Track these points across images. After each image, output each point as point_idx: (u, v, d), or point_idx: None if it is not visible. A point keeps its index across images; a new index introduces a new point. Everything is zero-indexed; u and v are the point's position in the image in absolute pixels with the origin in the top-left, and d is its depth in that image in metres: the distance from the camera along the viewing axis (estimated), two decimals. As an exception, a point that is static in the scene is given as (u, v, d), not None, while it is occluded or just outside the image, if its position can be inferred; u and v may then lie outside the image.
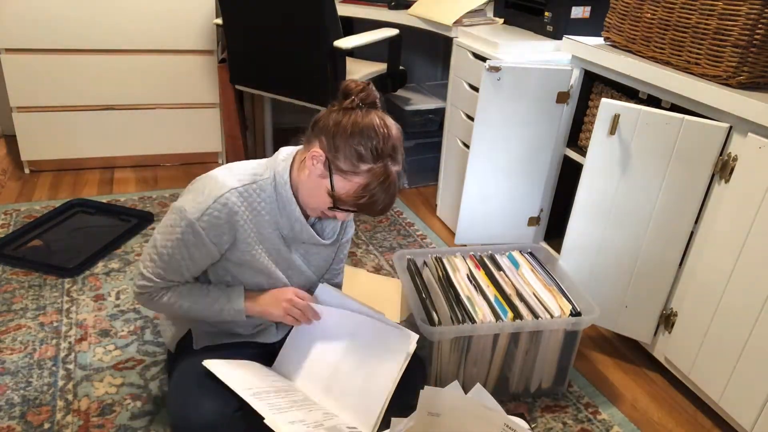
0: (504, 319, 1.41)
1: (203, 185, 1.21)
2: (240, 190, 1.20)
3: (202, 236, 1.19)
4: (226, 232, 1.20)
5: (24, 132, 2.52)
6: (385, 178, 1.16)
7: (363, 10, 2.50)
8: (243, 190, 1.20)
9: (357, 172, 1.15)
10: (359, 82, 1.19)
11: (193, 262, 1.23)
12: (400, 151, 1.19)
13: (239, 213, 1.20)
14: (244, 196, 1.21)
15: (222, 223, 1.19)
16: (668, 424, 1.50)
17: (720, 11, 1.36)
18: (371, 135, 1.15)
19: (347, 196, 1.17)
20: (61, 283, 1.88)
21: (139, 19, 2.47)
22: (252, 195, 1.22)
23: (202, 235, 1.19)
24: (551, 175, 2.03)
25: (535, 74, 1.84)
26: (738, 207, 1.34)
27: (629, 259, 1.60)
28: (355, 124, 1.15)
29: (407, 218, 2.44)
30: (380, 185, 1.16)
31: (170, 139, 2.73)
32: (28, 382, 1.49)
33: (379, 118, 1.17)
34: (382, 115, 1.19)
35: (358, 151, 1.14)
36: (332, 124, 1.17)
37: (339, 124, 1.16)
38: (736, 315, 1.36)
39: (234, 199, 1.19)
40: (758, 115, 1.27)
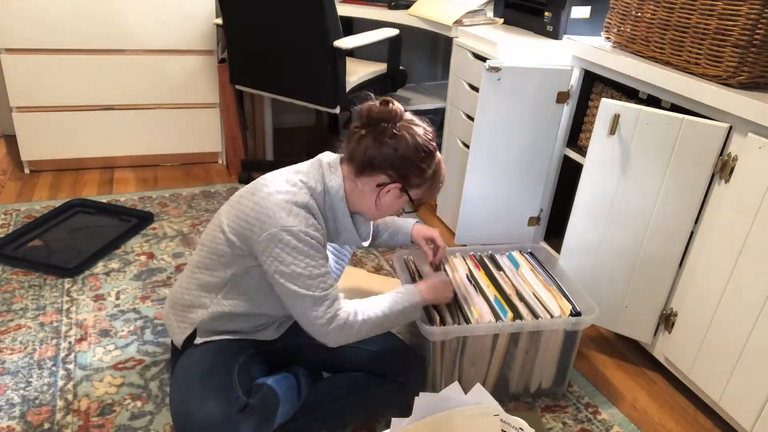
0: (504, 320, 1.41)
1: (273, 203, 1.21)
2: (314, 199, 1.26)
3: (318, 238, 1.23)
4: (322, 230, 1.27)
5: (24, 132, 2.52)
6: (441, 171, 1.33)
7: (363, 10, 2.50)
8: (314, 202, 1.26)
9: (425, 178, 1.30)
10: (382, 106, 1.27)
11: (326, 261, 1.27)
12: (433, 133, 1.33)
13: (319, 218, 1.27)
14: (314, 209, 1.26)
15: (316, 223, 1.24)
16: (668, 424, 1.50)
17: (720, 11, 1.36)
18: (424, 148, 1.27)
19: (422, 197, 1.34)
20: (61, 283, 1.88)
21: (139, 19, 2.47)
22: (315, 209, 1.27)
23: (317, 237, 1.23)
24: (551, 175, 2.03)
25: (535, 74, 1.84)
26: (738, 207, 1.34)
27: (629, 259, 1.60)
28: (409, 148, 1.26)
29: (407, 218, 2.44)
30: (442, 174, 1.34)
31: (170, 139, 2.73)
32: (28, 382, 1.49)
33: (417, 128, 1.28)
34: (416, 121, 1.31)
35: (422, 167, 1.28)
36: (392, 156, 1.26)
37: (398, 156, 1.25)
38: (736, 315, 1.36)
39: (313, 204, 1.26)
40: (758, 115, 1.27)
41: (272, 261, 1.20)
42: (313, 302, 1.21)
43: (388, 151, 1.25)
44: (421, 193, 1.33)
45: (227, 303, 1.30)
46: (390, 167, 1.27)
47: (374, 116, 1.26)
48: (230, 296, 1.30)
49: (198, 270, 1.34)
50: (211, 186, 2.61)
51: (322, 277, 1.22)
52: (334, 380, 1.40)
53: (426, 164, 1.28)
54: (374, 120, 1.26)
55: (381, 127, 1.26)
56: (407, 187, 1.29)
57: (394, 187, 1.28)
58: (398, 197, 1.31)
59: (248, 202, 1.24)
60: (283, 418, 1.28)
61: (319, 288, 1.21)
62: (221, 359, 1.28)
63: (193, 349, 1.32)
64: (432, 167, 1.30)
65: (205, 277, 1.32)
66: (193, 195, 2.51)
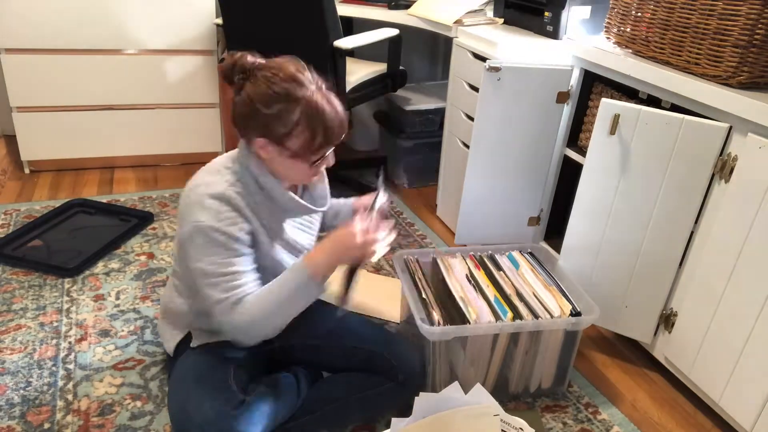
0: (504, 320, 1.41)
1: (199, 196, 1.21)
2: (232, 188, 1.22)
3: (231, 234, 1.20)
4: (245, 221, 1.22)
5: (24, 132, 2.52)
6: (315, 106, 1.17)
7: (363, 10, 2.50)
8: (234, 188, 1.22)
9: (292, 122, 1.17)
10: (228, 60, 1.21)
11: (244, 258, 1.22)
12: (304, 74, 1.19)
13: (242, 207, 1.22)
14: (238, 191, 1.23)
15: (235, 216, 1.20)
16: (668, 424, 1.50)
17: (720, 11, 1.36)
18: (269, 91, 1.16)
19: (309, 147, 1.20)
20: (61, 283, 1.88)
21: (139, 19, 2.47)
22: (241, 190, 1.24)
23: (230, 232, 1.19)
24: (551, 175, 2.03)
25: (535, 74, 1.84)
26: (738, 207, 1.34)
27: (629, 259, 1.60)
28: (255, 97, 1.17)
29: (407, 218, 2.44)
30: (318, 114, 1.18)
31: (170, 139, 2.73)
32: (28, 382, 1.49)
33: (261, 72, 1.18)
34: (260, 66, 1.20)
35: (275, 113, 1.16)
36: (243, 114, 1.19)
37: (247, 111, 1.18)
38: (736, 315, 1.36)
39: (232, 194, 1.21)
40: (758, 115, 1.27)
41: (187, 257, 1.21)
42: (216, 303, 1.19)
43: (238, 107, 1.20)
44: (302, 142, 1.19)
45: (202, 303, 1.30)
46: (247, 125, 1.20)
47: (225, 70, 1.20)
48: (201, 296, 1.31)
49: (174, 277, 1.38)
50: (211, 186, 2.61)
51: (228, 276, 1.19)
52: (334, 380, 1.40)
53: (278, 108, 1.16)
54: (227, 76, 1.21)
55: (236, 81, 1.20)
56: (278, 141, 1.19)
57: (263, 144, 1.20)
58: (279, 154, 1.21)
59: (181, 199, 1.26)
60: (282, 418, 1.28)
61: (219, 288, 1.18)
62: (217, 361, 1.29)
63: (189, 352, 1.33)
64: (293, 110, 1.16)
65: (178, 281, 1.35)
66: (193, 195, 2.51)
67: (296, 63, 1.21)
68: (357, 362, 1.38)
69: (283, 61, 1.21)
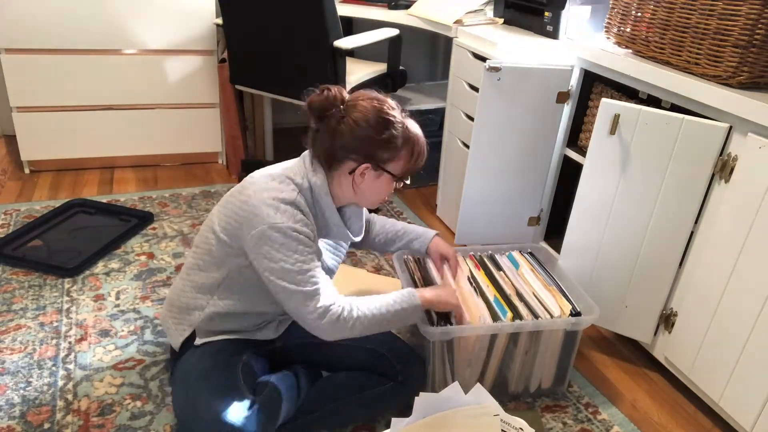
0: (503, 320, 1.41)
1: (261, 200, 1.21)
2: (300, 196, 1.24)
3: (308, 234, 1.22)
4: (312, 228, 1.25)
5: (24, 132, 2.52)
6: (413, 135, 1.27)
7: (363, 10, 2.50)
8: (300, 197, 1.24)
9: (396, 148, 1.25)
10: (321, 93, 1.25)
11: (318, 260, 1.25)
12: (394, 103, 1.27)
13: (308, 215, 1.25)
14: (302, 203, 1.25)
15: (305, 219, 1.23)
16: (668, 424, 1.50)
17: (720, 11, 1.36)
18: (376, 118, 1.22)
19: (406, 168, 1.29)
20: (61, 283, 1.88)
21: (139, 19, 2.47)
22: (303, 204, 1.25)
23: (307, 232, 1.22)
24: (551, 175, 2.03)
25: (535, 74, 1.84)
26: (738, 207, 1.34)
27: (629, 259, 1.60)
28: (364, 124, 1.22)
29: (407, 218, 2.44)
30: (416, 140, 1.28)
31: (170, 139, 2.72)
32: (28, 382, 1.49)
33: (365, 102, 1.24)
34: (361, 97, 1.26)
35: (385, 139, 1.23)
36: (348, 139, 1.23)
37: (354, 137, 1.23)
38: (736, 315, 1.36)
39: (303, 203, 1.24)
40: (758, 115, 1.27)
41: (261, 259, 1.20)
42: (303, 297, 1.20)
43: (343, 137, 1.23)
44: (402, 165, 1.28)
45: (222, 303, 1.30)
46: (352, 152, 1.24)
47: (316, 108, 1.24)
48: (225, 296, 1.30)
49: (192, 272, 1.34)
50: (211, 186, 2.61)
51: (312, 272, 1.21)
52: (334, 379, 1.40)
53: (388, 134, 1.23)
54: (317, 111, 1.24)
55: (328, 116, 1.24)
56: (380, 165, 1.26)
57: (365, 169, 1.25)
58: (377, 178, 1.28)
59: (236, 201, 1.24)
60: (284, 417, 1.28)
61: (309, 283, 1.20)
62: (223, 359, 1.29)
63: (194, 350, 1.32)
64: (399, 135, 1.25)
65: (200, 278, 1.32)
66: (193, 195, 2.51)
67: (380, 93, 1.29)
68: (357, 362, 1.38)
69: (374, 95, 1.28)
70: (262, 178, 1.26)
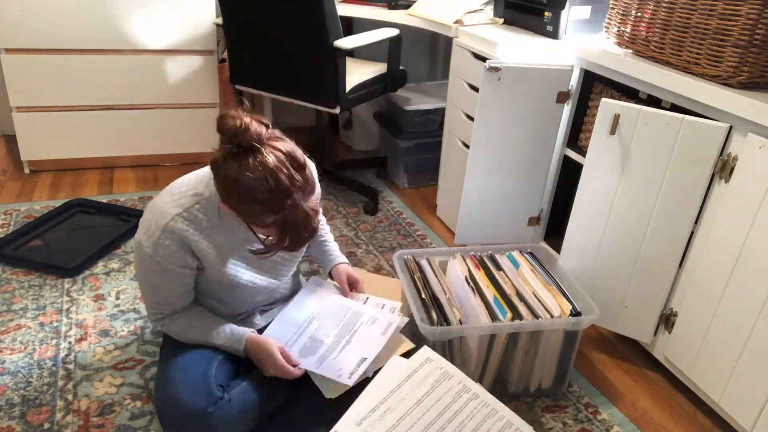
0: (503, 320, 1.41)
1: (151, 216, 1.24)
2: (184, 216, 1.22)
3: (165, 266, 1.23)
4: (187, 254, 1.24)
5: (24, 132, 2.52)
6: (294, 219, 1.10)
7: (363, 10, 2.50)
8: (187, 215, 1.22)
9: (266, 224, 1.12)
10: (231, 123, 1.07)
11: (174, 286, 1.28)
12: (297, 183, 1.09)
13: (189, 236, 1.22)
14: (189, 219, 1.22)
15: (176, 250, 1.22)
16: (668, 424, 1.50)
17: (720, 11, 1.36)
18: (257, 192, 1.07)
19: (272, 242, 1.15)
20: (61, 283, 1.88)
21: (139, 19, 2.47)
22: (197, 216, 1.23)
23: (164, 265, 1.23)
24: (551, 175, 2.03)
25: (535, 74, 1.84)
26: (738, 207, 1.34)
27: (629, 259, 1.60)
28: (238, 184, 1.07)
29: (407, 218, 2.44)
30: (292, 227, 1.11)
31: (170, 139, 2.72)
32: (28, 382, 1.49)
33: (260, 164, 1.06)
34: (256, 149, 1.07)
35: (253, 210, 1.09)
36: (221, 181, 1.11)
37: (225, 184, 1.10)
38: (736, 315, 1.36)
39: (180, 225, 1.21)
40: (758, 115, 1.27)
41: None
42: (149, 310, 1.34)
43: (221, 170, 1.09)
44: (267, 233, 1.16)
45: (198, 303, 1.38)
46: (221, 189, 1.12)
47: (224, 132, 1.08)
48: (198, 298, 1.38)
49: None
50: (211, 186, 2.61)
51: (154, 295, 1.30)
52: None
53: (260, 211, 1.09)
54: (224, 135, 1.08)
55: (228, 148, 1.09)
56: (246, 221, 1.14)
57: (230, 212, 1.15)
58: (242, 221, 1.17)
59: None
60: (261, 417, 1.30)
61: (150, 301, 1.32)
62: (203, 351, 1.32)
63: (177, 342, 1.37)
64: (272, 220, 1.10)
65: None
66: (193, 195, 2.51)
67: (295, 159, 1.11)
68: None
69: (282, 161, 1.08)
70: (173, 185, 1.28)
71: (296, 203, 1.10)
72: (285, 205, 1.09)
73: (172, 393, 1.22)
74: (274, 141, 1.11)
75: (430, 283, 1.56)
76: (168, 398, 1.22)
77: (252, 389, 1.29)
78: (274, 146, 1.09)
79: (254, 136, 1.07)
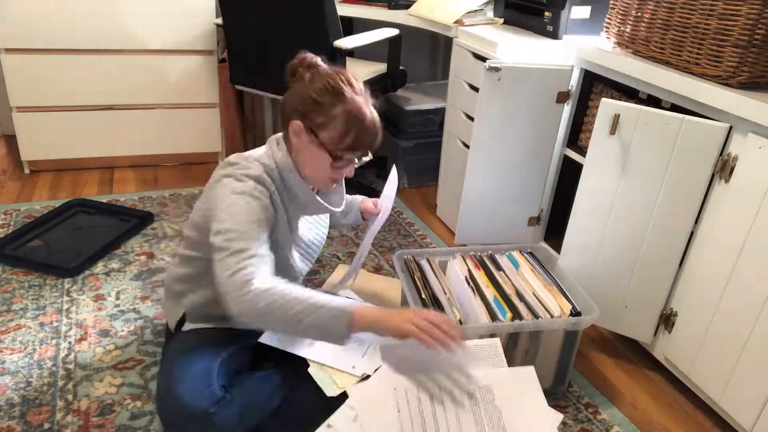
0: (503, 320, 1.41)
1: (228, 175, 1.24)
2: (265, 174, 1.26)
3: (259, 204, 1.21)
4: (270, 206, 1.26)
5: (24, 132, 2.52)
6: (357, 109, 1.24)
7: (363, 10, 2.50)
8: (265, 176, 1.26)
9: (332, 116, 1.24)
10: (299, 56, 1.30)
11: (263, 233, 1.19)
12: (358, 84, 1.28)
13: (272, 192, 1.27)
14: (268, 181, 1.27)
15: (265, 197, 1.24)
16: (668, 424, 1.50)
17: (720, 11, 1.36)
18: (323, 82, 1.24)
19: (339, 143, 1.25)
20: (61, 283, 1.88)
21: (139, 19, 2.47)
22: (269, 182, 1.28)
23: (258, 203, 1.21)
24: (551, 175, 2.03)
25: (535, 74, 1.84)
26: (738, 207, 1.34)
27: (629, 259, 1.60)
28: (309, 83, 1.26)
29: (407, 218, 2.44)
30: (357, 117, 1.24)
31: (170, 139, 2.72)
32: (28, 382, 1.49)
33: (323, 68, 1.29)
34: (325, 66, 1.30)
35: (320, 100, 1.23)
36: (291, 96, 1.28)
37: (296, 93, 1.27)
38: (736, 315, 1.36)
39: (266, 179, 1.26)
40: (758, 115, 1.27)
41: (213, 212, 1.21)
42: (228, 255, 1.12)
43: (292, 94, 1.28)
44: (335, 137, 1.25)
45: (203, 293, 1.36)
46: (291, 108, 1.27)
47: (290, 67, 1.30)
48: (204, 286, 1.36)
49: (180, 261, 1.42)
50: (211, 186, 2.61)
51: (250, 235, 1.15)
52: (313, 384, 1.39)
53: (327, 99, 1.24)
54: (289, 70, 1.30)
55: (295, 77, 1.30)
56: (312, 128, 1.25)
57: (298, 127, 1.25)
58: (311, 143, 1.26)
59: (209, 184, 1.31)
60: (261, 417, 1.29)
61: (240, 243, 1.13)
62: (206, 349, 1.32)
63: (183, 336, 1.37)
64: (338, 104, 1.24)
65: (183, 269, 1.40)
66: (193, 195, 2.51)
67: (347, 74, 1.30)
68: None
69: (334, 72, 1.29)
70: (232, 156, 1.31)
71: (358, 97, 1.26)
72: (346, 94, 1.24)
73: (174, 392, 1.22)
74: None
75: (430, 283, 1.56)
76: (170, 398, 1.22)
77: (254, 389, 1.29)
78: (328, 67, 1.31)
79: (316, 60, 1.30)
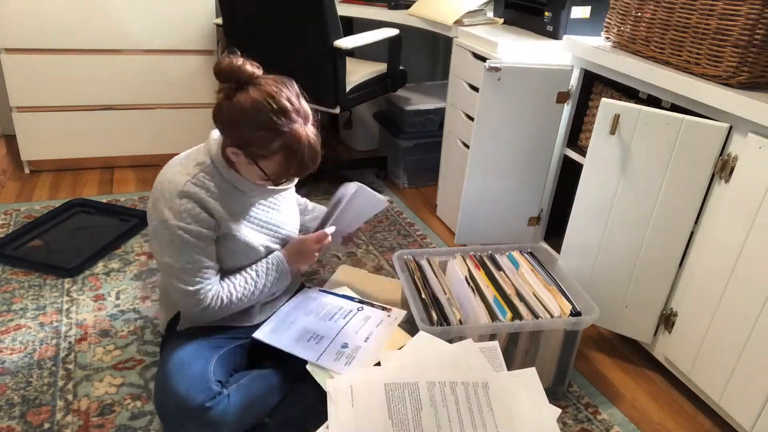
0: (503, 320, 1.41)
1: (162, 191, 1.27)
2: (194, 182, 1.27)
3: (195, 232, 1.25)
4: (208, 215, 1.27)
5: (24, 132, 2.52)
6: (296, 141, 1.21)
7: (363, 10, 2.50)
8: (196, 181, 1.27)
9: (271, 150, 1.21)
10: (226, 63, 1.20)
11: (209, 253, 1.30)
12: (295, 106, 1.22)
13: (204, 198, 1.27)
14: (199, 185, 1.27)
15: (199, 211, 1.26)
16: (668, 424, 1.50)
17: (720, 11, 1.36)
18: (258, 117, 1.18)
19: (280, 174, 1.26)
20: (61, 283, 1.88)
21: (139, 19, 2.47)
22: (205, 183, 1.29)
23: (193, 230, 1.25)
24: (551, 175, 2.03)
25: (535, 74, 1.84)
26: (738, 207, 1.34)
27: (629, 259, 1.60)
28: (240, 112, 1.19)
29: (407, 218, 2.44)
30: (297, 150, 1.22)
31: (170, 139, 2.72)
32: (28, 382, 1.49)
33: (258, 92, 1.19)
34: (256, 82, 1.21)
35: (259, 136, 1.19)
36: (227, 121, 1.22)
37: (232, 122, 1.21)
38: (736, 315, 1.36)
39: (194, 189, 1.26)
40: (758, 115, 1.27)
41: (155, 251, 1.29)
42: (176, 282, 1.28)
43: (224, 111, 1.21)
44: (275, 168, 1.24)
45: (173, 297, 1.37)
46: (226, 129, 1.23)
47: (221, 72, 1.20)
48: None
49: None
50: (211, 186, 2.61)
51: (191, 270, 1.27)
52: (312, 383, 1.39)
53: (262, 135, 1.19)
54: (221, 76, 1.21)
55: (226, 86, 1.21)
56: (251, 157, 1.23)
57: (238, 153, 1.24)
58: (249, 163, 1.25)
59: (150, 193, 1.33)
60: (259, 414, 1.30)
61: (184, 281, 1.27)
62: (202, 346, 1.32)
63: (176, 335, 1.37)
64: (275, 140, 1.20)
65: None
66: (193, 195, 2.51)
67: (290, 90, 1.24)
68: None
69: (279, 88, 1.21)
70: (168, 164, 1.33)
71: (298, 125, 1.21)
72: (287, 128, 1.19)
73: (171, 388, 1.22)
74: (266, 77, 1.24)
75: (430, 283, 1.56)
76: (167, 393, 1.23)
77: (251, 385, 1.30)
78: (267, 79, 1.22)
79: (249, 71, 1.21)
